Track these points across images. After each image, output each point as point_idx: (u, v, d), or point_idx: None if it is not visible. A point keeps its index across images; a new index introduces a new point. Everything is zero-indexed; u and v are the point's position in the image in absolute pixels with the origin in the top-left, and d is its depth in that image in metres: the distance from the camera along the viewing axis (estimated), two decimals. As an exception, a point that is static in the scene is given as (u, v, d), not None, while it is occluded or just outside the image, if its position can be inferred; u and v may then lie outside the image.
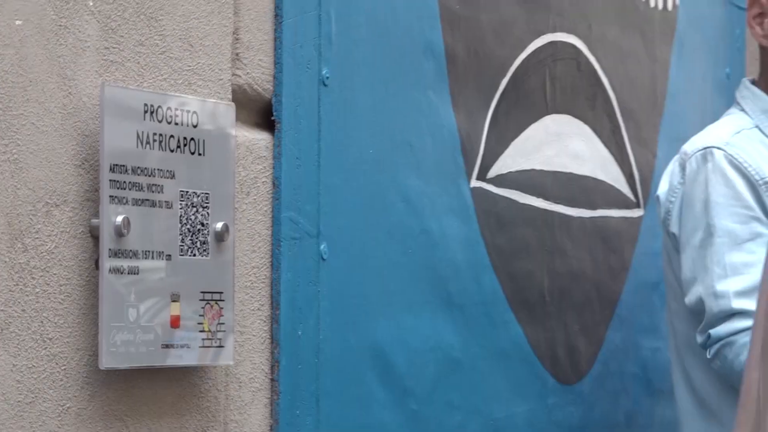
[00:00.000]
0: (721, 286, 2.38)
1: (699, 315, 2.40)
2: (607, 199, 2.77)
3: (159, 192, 1.72)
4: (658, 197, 2.59)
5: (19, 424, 1.55)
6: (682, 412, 2.56)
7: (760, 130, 2.56)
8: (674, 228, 2.50)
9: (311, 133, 2.04)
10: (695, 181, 2.47)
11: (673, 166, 2.57)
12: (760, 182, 2.43)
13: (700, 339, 2.40)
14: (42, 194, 1.59)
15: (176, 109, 1.75)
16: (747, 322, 2.28)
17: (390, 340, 2.20)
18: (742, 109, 2.61)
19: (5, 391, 1.54)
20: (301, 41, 2.01)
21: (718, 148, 2.46)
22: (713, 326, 2.37)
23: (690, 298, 2.43)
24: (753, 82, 2.64)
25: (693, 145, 2.52)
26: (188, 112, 1.77)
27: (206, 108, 1.80)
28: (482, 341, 2.39)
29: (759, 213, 2.44)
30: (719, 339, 2.35)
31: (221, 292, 1.80)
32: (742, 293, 2.36)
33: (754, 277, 2.33)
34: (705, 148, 2.47)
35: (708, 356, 2.38)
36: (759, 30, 2.58)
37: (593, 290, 2.69)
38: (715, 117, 2.74)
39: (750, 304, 2.27)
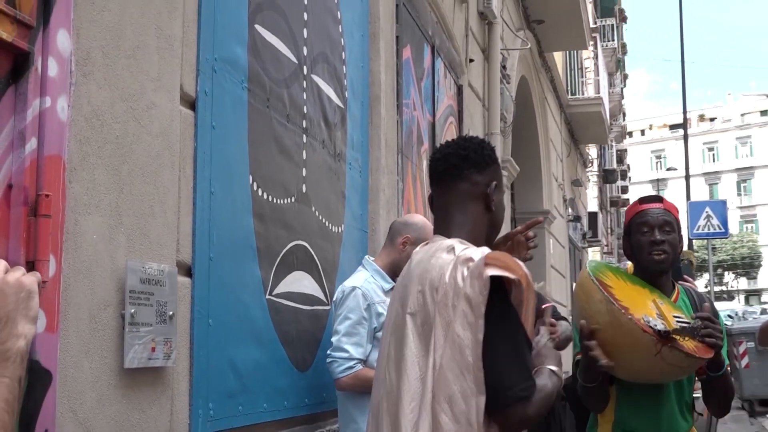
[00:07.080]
0: (344, 342, 2.32)
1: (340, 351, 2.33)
2: (317, 302, 2.66)
3: (147, 300, 1.69)
4: (334, 302, 2.48)
5: (93, 389, 1.51)
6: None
7: (373, 278, 2.42)
8: (337, 319, 2.38)
9: (205, 281, 1.96)
10: (347, 299, 2.37)
11: (337, 291, 2.45)
12: (369, 301, 2.34)
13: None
14: (102, 301, 1.57)
15: (154, 270, 1.71)
16: (341, 354, 2.27)
17: (238, 357, 2.13)
18: (365, 268, 2.48)
19: (85, 377, 1.50)
20: (200, 243, 1.94)
21: (358, 287, 2.36)
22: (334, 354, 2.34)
23: (333, 339, 2.35)
24: (373, 261, 2.49)
25: (347, 284, 2.42)
26: (158, 270, 1.73)
27: (163, 269, 1.74)
28: (271, 356, 2.32)
29: (367, 317, 2.31)
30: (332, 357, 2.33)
31: (171, 338, 1.77)
32: (352, 344, 2.30)
33: (354, 339, 2.30)
34: (353, 287, 2.37)
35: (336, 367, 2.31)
36: (402, 248, 2.43)
37: (312, 337, 2.60)
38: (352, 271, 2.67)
39: (353, 351, 2.27)
